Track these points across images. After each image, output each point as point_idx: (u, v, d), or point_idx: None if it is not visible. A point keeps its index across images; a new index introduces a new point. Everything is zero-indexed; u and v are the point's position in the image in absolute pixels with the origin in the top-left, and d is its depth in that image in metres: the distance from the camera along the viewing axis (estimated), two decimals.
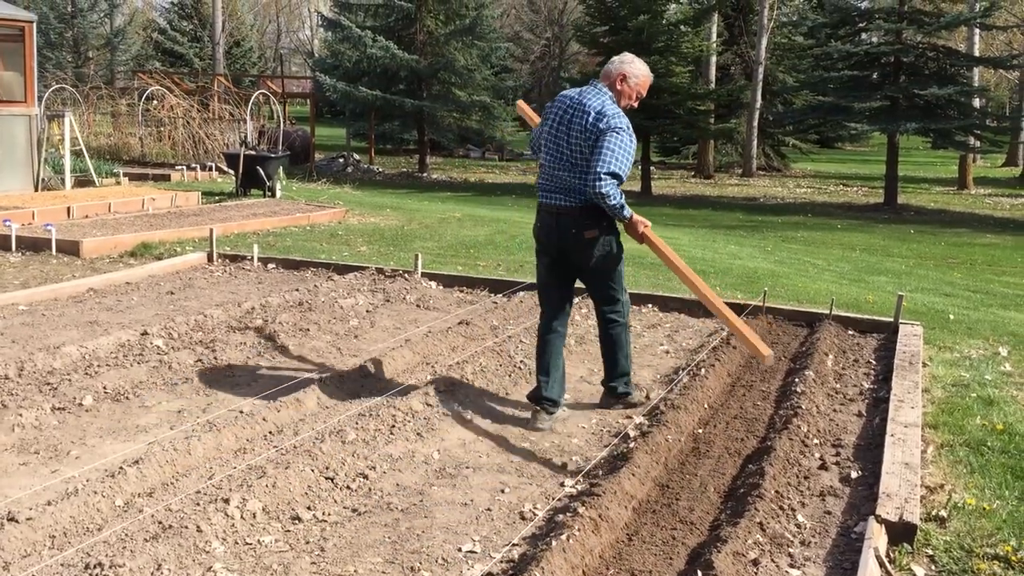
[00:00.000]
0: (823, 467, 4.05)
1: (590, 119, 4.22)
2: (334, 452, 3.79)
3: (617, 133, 4.18)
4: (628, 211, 4.30)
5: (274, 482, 3.42)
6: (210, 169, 17.09)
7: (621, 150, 4.18)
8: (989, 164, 36.04)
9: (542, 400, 4.49)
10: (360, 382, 4.84)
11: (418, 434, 4.21)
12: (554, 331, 4.56)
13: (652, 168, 25.99)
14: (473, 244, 10.51)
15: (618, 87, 4.36)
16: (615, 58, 4.42)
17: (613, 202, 4.20)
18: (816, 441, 4.30)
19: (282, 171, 18.35)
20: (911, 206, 21.00)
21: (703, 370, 5.18)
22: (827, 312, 6.75)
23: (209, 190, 14.85)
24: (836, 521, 3.55)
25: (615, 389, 4.75)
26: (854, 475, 3.97)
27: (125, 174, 15.44)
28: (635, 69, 4.39)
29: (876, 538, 3.25)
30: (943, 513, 3.66)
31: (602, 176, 4.14)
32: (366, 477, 3.71)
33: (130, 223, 10.41)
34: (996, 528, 3.58)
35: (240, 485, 3.43)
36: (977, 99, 23.25)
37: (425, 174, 25.00)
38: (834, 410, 4.83)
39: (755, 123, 27.49)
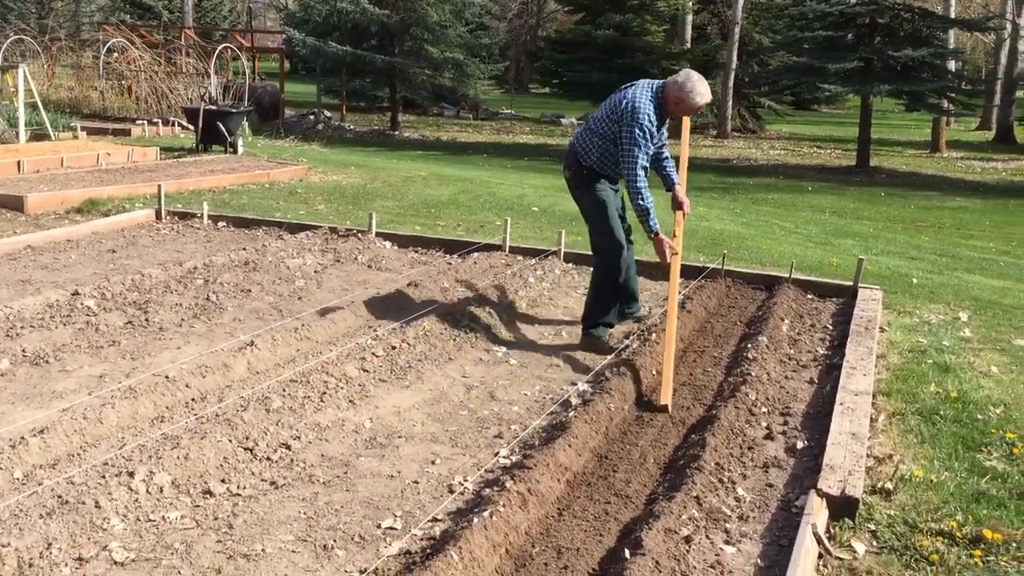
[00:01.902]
0: (769, 437, 3.90)
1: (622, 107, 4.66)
2: (256, 421, 3.59)
3: (635, 127, 4.60)
4: (655, 223, 4.68)
5: (187, 453, 3.21)
6: (173, 124, 16.62)
7: (639, 146, 4.60)
8: (963, 127, 36.00)
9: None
10: (296, 346, 4.62)
11: (351, 401, 4.02)
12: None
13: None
14: (435, 203, 10.27)
15: (675, 104, 4.70)
16: (693, 76, 4.64)
17: (642, 202, 4.65)
18: (764, 410, 4.15)
19: (247, 127, 17.97)
20: (883, 169, 20.89)
21: (654, 335, 5.01)
22: (787, 276, 6.59)
23: (169, 146, 14.43)
24: (777, 495, 3.40)
25: (586, 332, 4.96)
26: (800, 445, 3.83)
27: (83, 128, 14.96)
28: (694, 93, 4.65)
29: (816, 513, 3.11)
30: (889, 485, 3.52)
31: (633, 171, 4.64)
32: (289, 448, 3.52)
33: (80, 178, 10.05)
34: (943, 502, 3.45)
35: (150, 457, 3.22)
36: (952, 62, 23.09)
37: (396, 132, 24.55)
38: (786, 377, 4.68)
39: (730, 84, 27.19)
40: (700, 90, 4.65)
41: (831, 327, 5.66)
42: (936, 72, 20.68)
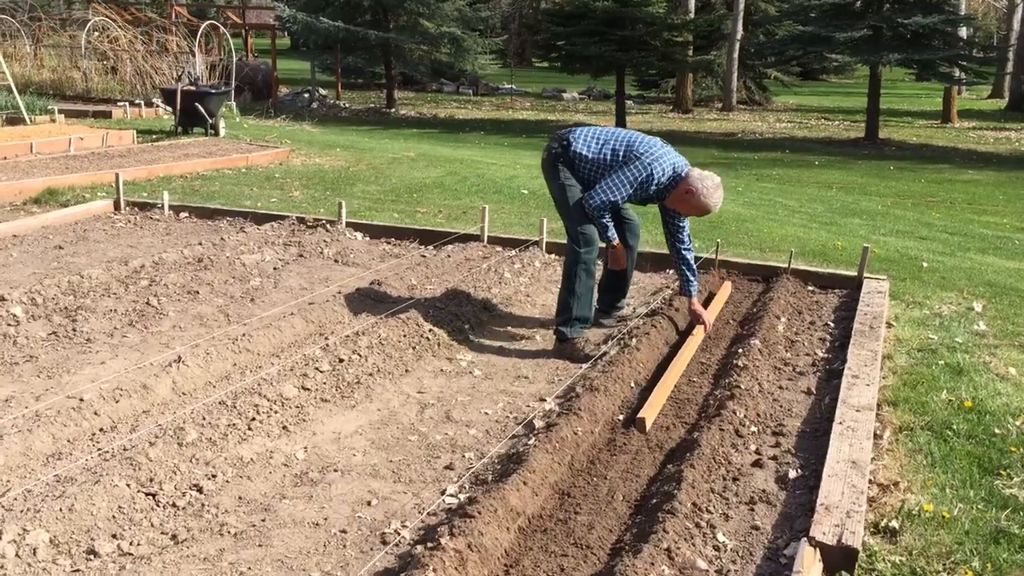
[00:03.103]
0: (758, 463, 3.43)
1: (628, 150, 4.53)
2: (166, 458, 3.13)
3: (636, 167, 4.46)
4: (612, 235, 4.59)
5: (72, 504, 2.75)
6: (156, 106, 16.12)
7: (628, 184, 4.47)
8: (975, 96, 35.21)
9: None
10: (233, 360, 4.16)
11: (284, 428, 3.56)
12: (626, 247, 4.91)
13: (628, 103, 25.14)
14: (419, 187, 9.82)
15: (681, 195, 4.51)
16: (716, 181, 4.52)
17: (605, 221, 4.54)
18: (753, 429, 3.68)
19: (235, 107, 17.52)
20: (893, 141, 20.28)
21: (635, 339, 4.54)
22: (786, 266, 6.12)
23: (149, 128, 13.96)
24: (764, 540, 2.93)
25: (558, 331, 4.64)
26: (793, 474, 3.36)
27: (63, 111, 14.48)
28: (707, 197, 4.49)
29: (808, 569, 2.64)
30: (895, 524, 3.06)
31: (602, 199, 4.48)
32: (200, 490, 3.06)
33: (45, 165, 9.59)
34: (956, 543, 2.98)
35: (27, 510, 2.76)
36: (963, 28, 22.34)
37: (393, 110, 24.04)
38: (780, 387, 4.22)
39: (735, 55, 26.50)
40: (715, 199, 4.49)
41: (833, 324, 5.22)
42: (947, 40, 19.98)
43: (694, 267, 4.86)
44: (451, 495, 3.14)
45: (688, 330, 4.89)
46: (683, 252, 4.78)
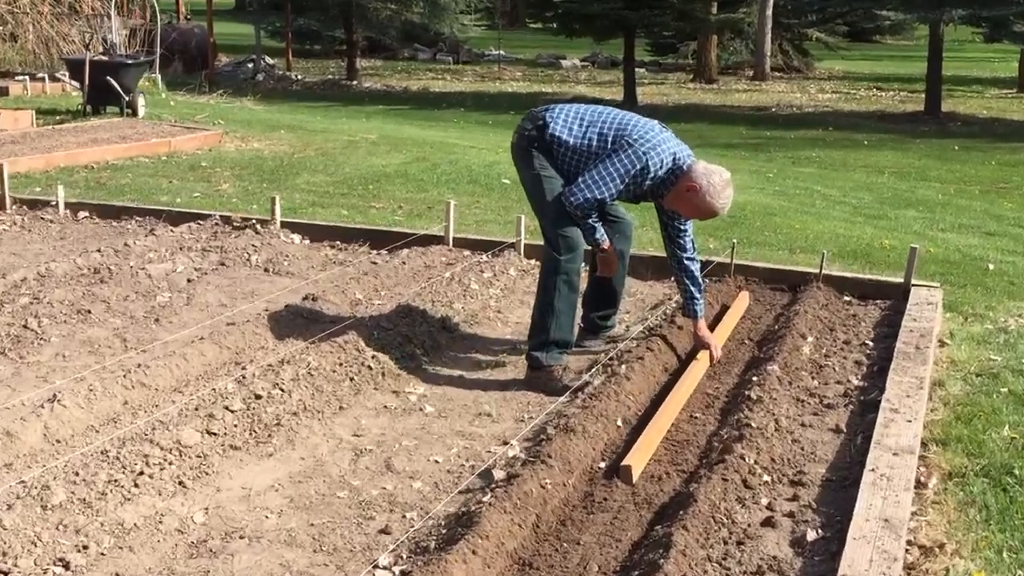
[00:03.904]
0: (769, 522, 3.34)
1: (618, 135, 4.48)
2: (24, 525, 3.02)
3: (628, 156, 4.41)
4: (601, 237, 4.54)
5: None
6: (62, 80, 16.03)
7: (618, 176, 4.42)
8: None
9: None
10: (124, 398, 4.06)
11: (180, 483, 3.45)
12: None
13: (640, 71, 25.10)
14: (377, 177, 9.75)
15: (682, 193, 4.45)
16: (726, 177, 4.44)
17: (582, 220, 4.47)
18: (766, 478, 3.59)
19: (161, 81, 17.44)
20: (958, 115, 20.24)
21: (625, 366, 4.45)
22: (817, 271, 6.04)
23: (53, 107, 13.88)
24: None
25: (531, 357, 4.58)
26: (812, 535, 3.26)
27: None
28: (712, 197, 4.41)
29: None
30: None
31: (587, 196, 4.43)
32: (68, 566, 2.95)
33: None
34: None
35: None
36: None
37: (354, 82, 24.00)
38: (802, 424, 4.13)
39: (769, 12, 26.46)
40: (723, 199, 4.43)
41: (872, 344, 5.14)
42: None
43: (700, 280, 4.77)
44: (384, 567, 3.04)
45: (693, 353, 4.80)
46: (685, 262, 4.70)
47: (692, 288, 4.74)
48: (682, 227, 4.66)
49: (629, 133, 4.42)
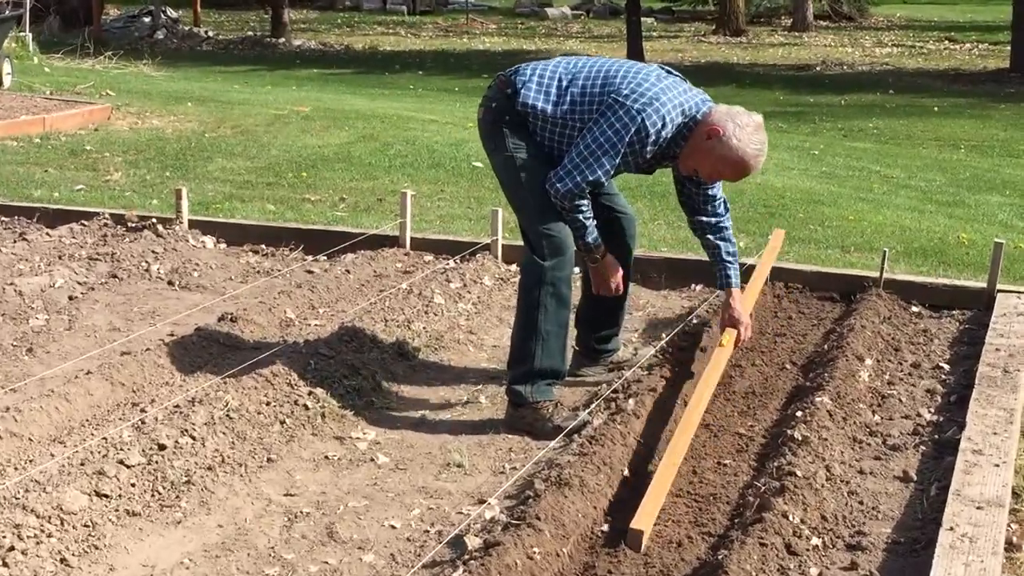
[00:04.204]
0: None
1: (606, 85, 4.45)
2: None
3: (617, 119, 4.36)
4: (596, 240, 4.55)
5: None
6: None
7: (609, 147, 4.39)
8: None
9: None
10: None
11: (62, 559, 3.43)
12: None
13: (648, 22, 25.21)
14: (312, 161, 9.80)
15: (700, 144, 4.39)
16: (757, 120, 4.42)
17: (570, 215, 4.48)
18: (815, 541, 3.62)
19: (31, 41, 17.42)
20: None
21: (632, 401, 4.48)
22: (877, 274, 6.10)
23: None
24: None
25: (512, 392, 4.60)
26: None
27: None
28: (741, 142, 4.33)
29: None
30: None
31: (572, 180, 4.41)
32: None
33: None
34: None
35: None
36: None
37: (282, 39, 24.14)
38: (861, 471, 4.17)
39: None
40: (755, 145, 4.37)
41: (948, 367, 5.21)
42: None
43: (734, 241, 4.88)
44: None
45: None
46: (720, 226, 4.82)
47: (725, 252, 4.82)
48: (711, 192, 4.71)
49: (618, 87, 4.39)
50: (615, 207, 4.89)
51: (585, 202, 4.45)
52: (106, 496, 3.76)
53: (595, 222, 4.53)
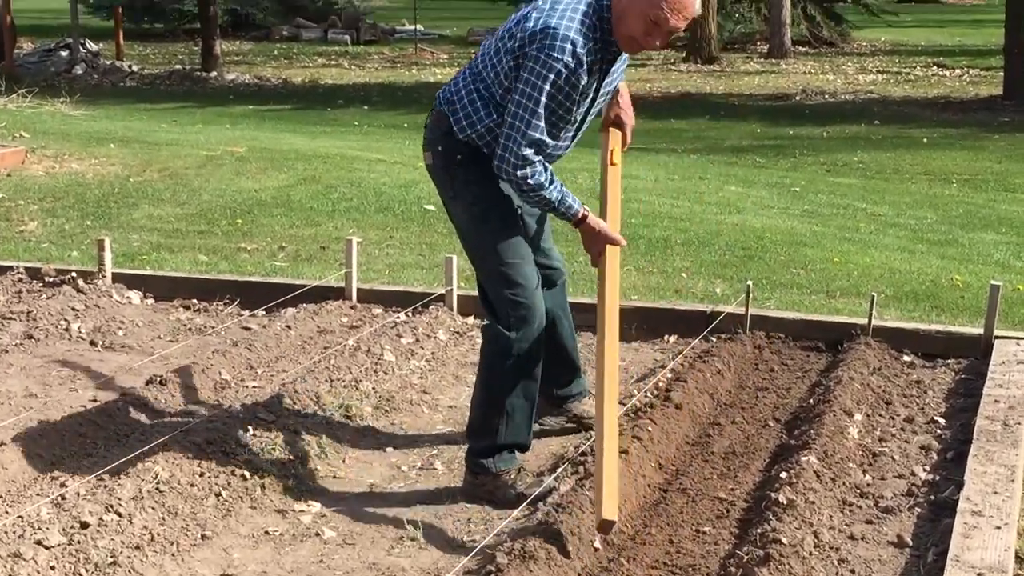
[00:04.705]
0: None
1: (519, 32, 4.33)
2: None
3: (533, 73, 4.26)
4: (570, 206, 4.41)
5: None
6: None
7: (534, 105, 4.27)
8: None
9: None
10: None
11: None
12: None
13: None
14: (248, 207, 9.80)
15: (622, 10, 4.28)
16: None
17: (543, 194, 4.35)
18: None
19: None
20: None
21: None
22: (865, 320, 6.16)
23: None
24: None
25: (472, 462, 4.62)
26: None
27: None
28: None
29: None
30: None
31: (512, 149, 4.29)
32: None
33: None
34: None
35: None
36: None
37: (214, 73, 24.18)
38: (852, 536, 4.21)
39: None
40: None
41: (944, 421, 5.27)
42: None
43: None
44: None
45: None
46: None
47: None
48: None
49: (527, 39, 4.25)
50: (551, 262, 4.89)
51: (537, 171, 4.30)
52: None
53: (560, 184, 4.40)
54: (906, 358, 6.03)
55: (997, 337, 5.96)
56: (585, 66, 4.24)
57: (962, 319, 6.64)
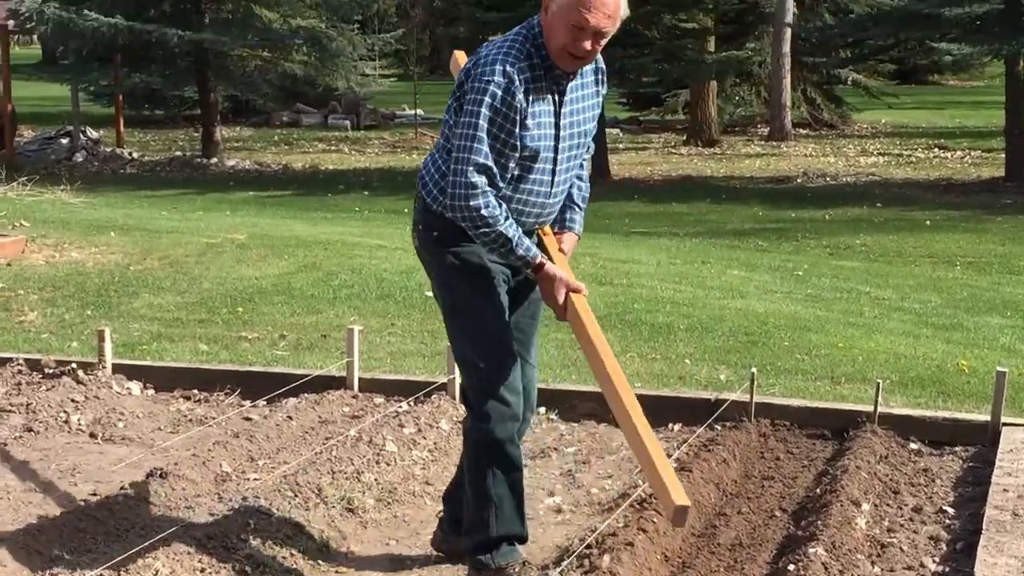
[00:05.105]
0: None
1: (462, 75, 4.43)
2: None
3: (469, 102, 4.32)
4: (529, 248, 4.35)
5: None
6: None
7: (473, 130, 4.28)
8: None
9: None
10: None
11: None
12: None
13: (613, 132, 25.66)
14: (249, 295, 9.80)
15: (544, 19, 4.34)
16: None
17: (488, 230, 4.28)
18: None
19: None
20: None
21: (608, 557, 4.47)
22: (871, 408, 6.16)
23: None
24: None
25: (473, 560, 4.54)
26: None
27: None
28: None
29: None
30: None
31: (459, 179, 4.27)
32: None
33: None
34: None
35: None
36: None
37: (214, 159, 24.29)
38: None
39: (786, 48, 27.40)
40: None
41: (952, 511, 5.24)
42: None
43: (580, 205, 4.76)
44: None
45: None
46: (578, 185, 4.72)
47: (576, 205, 4.72)
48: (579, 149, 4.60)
49: (464, 76, 4.37)
50: (528, 359, 4.78)
51: (490, 202, 4.26)
52: None
53: (514, 225, 4.32)
54: (913, 445, 6.02)
55: (1004, 424, 5.95)
56: (519, 84, 4.25)
57: (969, 405, 6.63)
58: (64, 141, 25.11)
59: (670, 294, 10.17)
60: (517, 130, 4.29)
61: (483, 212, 4.23)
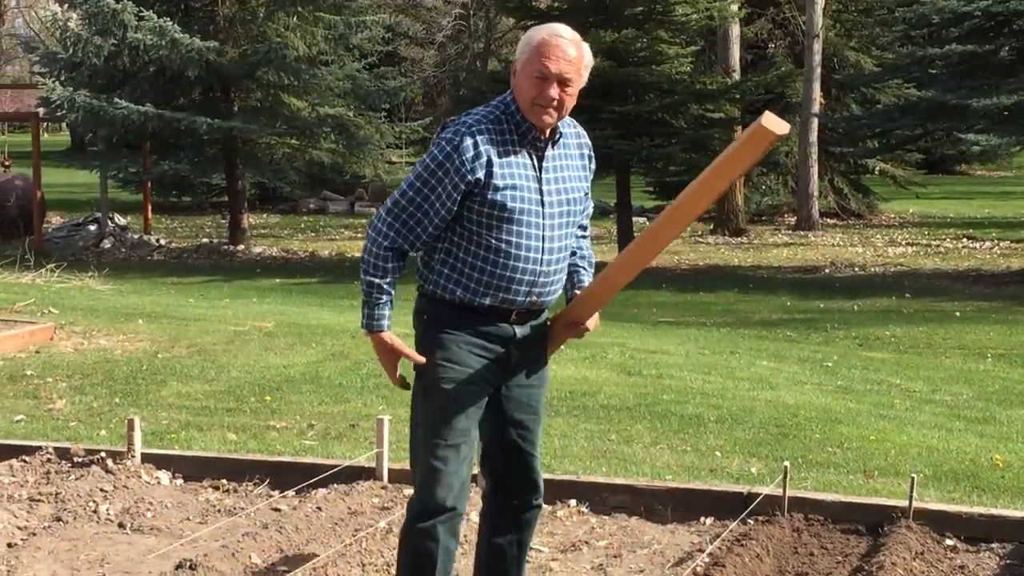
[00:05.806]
0: None
1: None
2: None
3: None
4: (373, 316, 4.43)
5: None
6: None
7: (407, 184, 4.44)
8: None
9: None
10: None
11: None
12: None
13: (641, 221, 25.69)
14: (277, 383, 9.81)
15: (513, 81, 4.47)
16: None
17: (365, 267, 4.45)
18: None
19: None
20: None
21: None
22: (906, 503, 6.12)
23: None
24: None
25: None
26: None
27: None
28: (524, 42, 4.44)
29: None
30: None
31: (375, 221, 4.43)
32: None
33: None
34: None
35: None
36: None
37: (241, 246, 24.42)
38: None
39: (813, 137, 27.48)
40: (544, 30, 4.40)
41: None
42: None
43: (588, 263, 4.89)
44: None
45: None
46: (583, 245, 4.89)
47: (583, 268, 4.82)
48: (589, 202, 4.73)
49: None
50: (532, 452, 4.77)
51: (380, 244, 4.34)
52: None
53: (388, 290, 4.37)
54: (949, 542, 5.96)
55: None
56: (471, 146, 4.29)
57: (1004, 500, 6.58)
58: (92, 228, 25.30)
59: (699, 385, 10.15)
60: (456, 195, 4.32)
61: (373, 253, 4.36)
